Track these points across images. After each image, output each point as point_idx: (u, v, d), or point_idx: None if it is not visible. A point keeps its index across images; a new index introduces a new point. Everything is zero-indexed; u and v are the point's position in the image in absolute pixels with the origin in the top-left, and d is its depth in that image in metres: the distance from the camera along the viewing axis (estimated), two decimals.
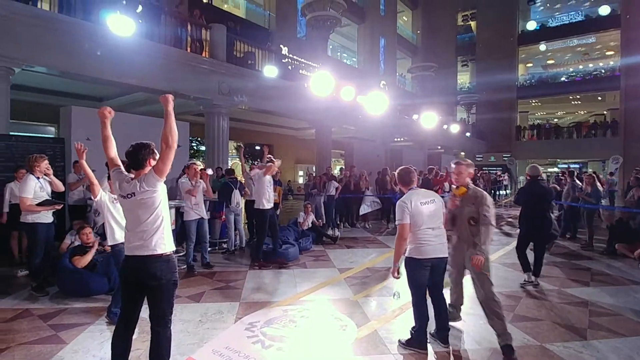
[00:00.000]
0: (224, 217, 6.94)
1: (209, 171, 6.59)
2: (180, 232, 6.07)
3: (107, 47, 7.25)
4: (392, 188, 9.71)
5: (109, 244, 3.72)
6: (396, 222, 3.14)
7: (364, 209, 9.99)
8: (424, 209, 3.11)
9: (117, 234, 3.61)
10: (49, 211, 4.53)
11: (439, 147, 21.98)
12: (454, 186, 3.53)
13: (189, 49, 9.27)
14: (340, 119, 13.72)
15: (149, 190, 2.41)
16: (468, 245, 3.34)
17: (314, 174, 11.95)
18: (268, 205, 5.90)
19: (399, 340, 3.31)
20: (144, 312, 2.51)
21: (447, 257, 3.24)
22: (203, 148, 11.99)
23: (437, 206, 3.19)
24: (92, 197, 3.70)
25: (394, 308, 4.20)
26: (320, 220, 8.73)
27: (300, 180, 19.08)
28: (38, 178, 4.47)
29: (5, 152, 6.10)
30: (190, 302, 4.29)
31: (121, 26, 7.06)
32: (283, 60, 12.79)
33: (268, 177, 5.97)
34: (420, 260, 3.11)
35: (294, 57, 13.79)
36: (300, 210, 8.39)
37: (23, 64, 6.62)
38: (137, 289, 2.50)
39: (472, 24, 29.99)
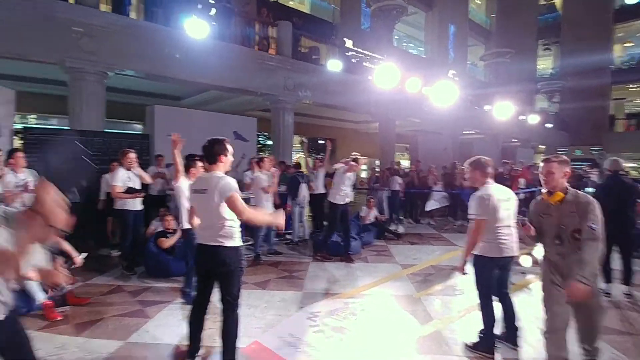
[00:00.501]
0: (289, 209, 7.19)
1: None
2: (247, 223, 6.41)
3: (184, 49, 7.84)
4: (461, 184, 9.30)
5: (183, 227, 4.07)
6: (472, 216, 2.98)
7: (431, 205, 9.68)
8: (501, 205, 2.95)
9: None
10: (137, 199, 5.07)
11: (515, 140, 20.46)
12: (543, 190, 2.72)
13: (257, 47, 9.67)
14: (405, 112, 13.39)
15: (219, 197, 2.61)
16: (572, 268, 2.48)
17: (377, 168, 11.85)
18: (341, 200, 5.92)
19: (465, 343, 3.21)
20: (216, 296, 2.74)
21: (516, 256, 3.07)
22: (269, 142, 12.46)
23: (512, 204, 3.03)
24: (174, 182, 4.06)
25: (459, 308, 4.07)
26: (383, 215, 8.66)
27: (363, 175, 19.02)
28: (127, 170, 5.04)
29: (101, 147, 6.89)
30: (256, 289, 4.55)
31: (196, 29, 7.61)
32: (347, 54, 12.78)
33: (349, 175, 5.97)
34: (492, 259, 2.97)
35: (358, 49, 13.70)
36: (363, 204, 8.40)
37: (116, 68, 7.41)
38: (209, 275, 2.74)
39: (557, 2, 27.21)
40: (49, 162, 5.58)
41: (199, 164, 3.95)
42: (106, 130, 7.41)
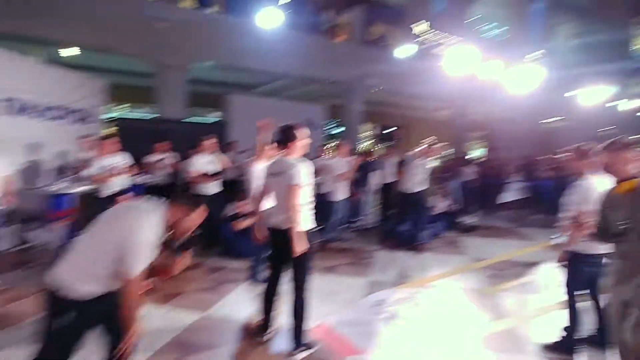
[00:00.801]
0: (358, 196, 7.20)
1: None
2: (319, 208, 6.55)
3: (258, 39, 8.14)
4: (544, 174, 8.58)
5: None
6: (571, 208, 2.72)
7: (507, 197, 9.05)
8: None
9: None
10: (211, 184, 5.42)
11: (605, 129, 18.22)
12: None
13: (330, 36, 9.71)
14: (481, 98, 12.59)
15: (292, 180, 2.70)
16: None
17: (448, 158, 11.33)
18: (413, 188, 5.76)
19: (544, 343, 3.00)
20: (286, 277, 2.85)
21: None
22: (339, 130, 12.52)
23: None
24: (249, 166, 4.24)
25: (536, 307, 3.80)
26: (455, 206, 8.28)
27: (435, 164, 18.29)
28: (205, 155, 5.40)
29: (183, 134, 7.46)
30: (324, 274, 4.64)
31: (270, 19, 7.83)
32: (418, 39, 12.29)
33: (423, 161, 5.80)
34: (590, 256, 2.69)
35: (430, 34, 13.10)
36: (434, 194, 8.10)
37: (196, 61, 7.94)
38: (279, 257, 2.86)
39: None
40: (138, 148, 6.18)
41: (270, 148, 4.06)
42: (187, 119, 8.01)
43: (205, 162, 5.38)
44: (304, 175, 2.72)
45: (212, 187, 5.44)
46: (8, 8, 6.18)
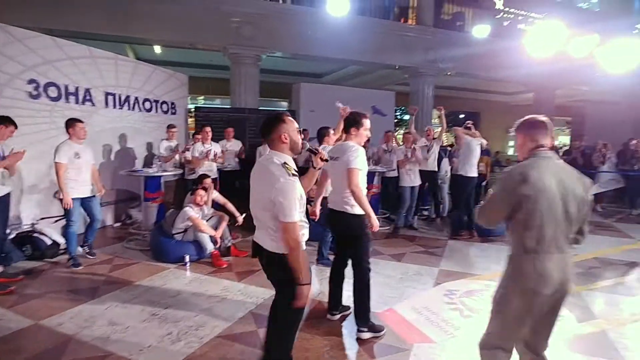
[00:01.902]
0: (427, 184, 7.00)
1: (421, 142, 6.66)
2: (389, 195, 6.55)
3: (326, 27, 8.17)
4: None
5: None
6: None
7: (596, 189, 8.15)
8: None
9: None
10: None
11: None
12: None
13: (400, 19, 9.42)
14: (569, 79, 11.38)
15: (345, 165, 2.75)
16: None
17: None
18: (472, 173, 5.57)
19: None
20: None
21: None
22: (407, 117, 12.19)
23: None
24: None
25: (634, 311, 3.42)
26: None
27: (511, 152, 17.08)
28: None
29: (256, 122, 7.81)
30: (392, 261, 4.62)
31: (337, 7, 7.81)
32: (497, 17, 11.41)
33: (474, 142, 5.56)
34: None
35: (512, 9, 12.08)
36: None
37: (268, 51, 8.21)
38: (340, 239, 2.93)
39: None
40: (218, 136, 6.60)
41: (332, 133, 4.10)
42: (260, 108, 8.34)
43: None
44: (360, 160, 2.74)
45: None
46: (103, 13, 6.95)
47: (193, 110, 8.61)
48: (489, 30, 9.49)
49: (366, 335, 2.83)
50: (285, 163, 1.89)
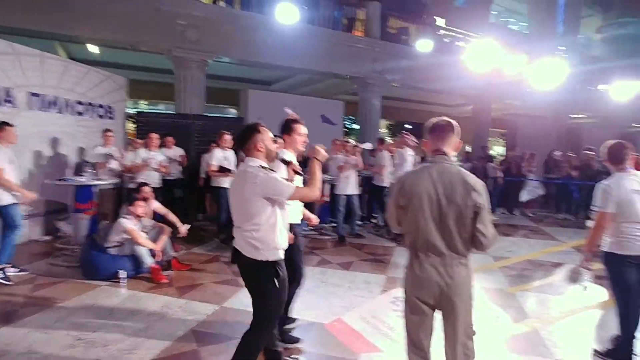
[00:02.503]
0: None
1: (367, 145, 6.76)
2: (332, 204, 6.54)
3: (275, 35, 8.12)
4: (569, 173, 8.33)
5: None
6: (595, 208, 2.64)
7: (529, 195, 8.80)
8: (636, 197, 2.52)
9: None
10: (230, 178, 5.46)
11: (636, 125, 17.53)
12: None
13: (348, 30, 9.62)
14: (503, 94, 12.27)
15: None
16: None
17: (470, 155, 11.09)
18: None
19: (595, 350, 2.85)
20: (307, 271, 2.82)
21: None
22: (355, 127, 12.44)
23: None
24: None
25: (562, 309, 3.68)
26: None
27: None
28: (223, 150, 5.43)
29: (201, 129, 7.52)
30: (340, 269, 4.61)
31: (287, 14, 7.80)
32: (438, 33, 12.05)
33: (406, 152, 5.94)
34: (622, 256, 2.56)
35: (451, 28, 12.83)
36: None
37: (215, 56, 7.98)
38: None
39: None
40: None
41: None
42: (206, 114, 8.06)
43: (223, 156, 5.42)
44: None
45: (227, 181, 5.48)
46: (32, 6, 6.34)
47: (134, 115, 8.13)
48: (432, 46, 9.97)
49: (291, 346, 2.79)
50: (261, 165, 2.04)
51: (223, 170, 5.39)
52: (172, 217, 4.62)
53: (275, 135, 2.39)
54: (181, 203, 6.41)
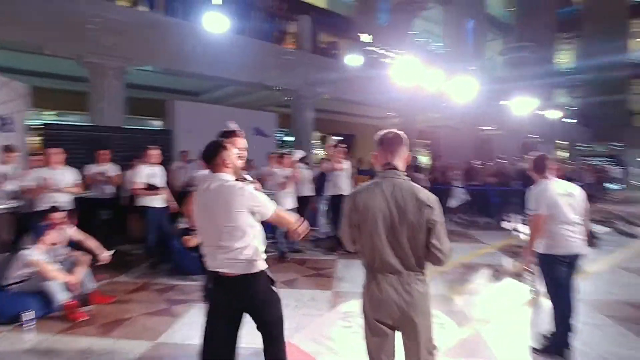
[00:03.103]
0: (315, 206, 7.04)
1: (299, 153, 6.62)
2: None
3: (204, 44, 7.75)
4: (487, 180, 9.06)
5: None
6: (529, 212, 2.88)
7: (452, 202, 9.40)
8: (561, 200, 2.80)
9: None
10: (158, 196, 4.98)
11: (535, 136, 19.96)
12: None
13: (279, 42, 9.55)
14: (425, 107, 13.13)
15: None
16: None
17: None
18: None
19: (532, 347, 3.02)
20: None
21: (583, 254, 2.87)
22: (288, 139, 12.33)
23: (575, 199, 2.85)
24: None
25: (498, 309, 3.87)
26: None
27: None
28: (150, 166, 4.95)
29: (121, 143, 6.83)
30: (284, 288, 4.39)
31: (216, 24, 7.50)
32: (366, 49, 12.56)
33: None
34: (558, 256, 2.81)
35: (377, 45, 13.46)
36: None
37: (135, 64, 7.35)
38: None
39: None
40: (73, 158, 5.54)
41: None
42: (126, 126, 7.36)
43: (150, 173, 4.93)
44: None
45: (157, 200, 5.00)
46: None
47: (40, 127, 7.10)
48: (361, 60, 10.32)
49: None
50: (236, 179, 2.09)
51: (151, 188, 4.90)
52: (91, 243, 4.04)
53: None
54: (106, 225, 5.74)
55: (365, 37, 13.55)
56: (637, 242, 7.10)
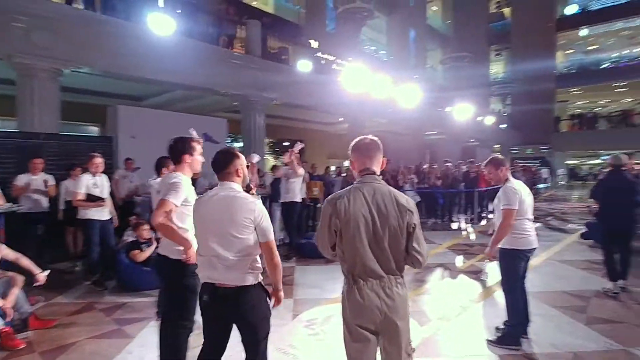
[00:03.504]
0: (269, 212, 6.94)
1: (255, 157, 6.45)
2: None
3: (148, 46, 7.36)
4: (434, 183, 9.49)
5: (158, 236, 3.73)
6: (504, 207, 2.98)
7: None
8: (526, 199, 3.03)
9: None
10: (103, 208, 4.62)
11: (473, 140, 21.32)
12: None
13: (228, 47, 9.32)
14: (373, 113, 13.49)
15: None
16: None
17: (342, 169, 11.78)
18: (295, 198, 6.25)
19: (488, 340, 3.17)
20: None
21: (536, 248, 3.12)
22: (239, 145, 12.06)
23: (532, 198, 3.13)
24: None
25: (455, 306, 4.04)
26: None
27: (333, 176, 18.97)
28: (93, 175, 4.58)
29: (57, 150, 6.26)
30: None
31: (161, 25, 7.16)
32: (315, 55, 12.68)
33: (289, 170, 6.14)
34: (521, 251, 3.03)
35: (325, 51, 13.65)
36: None
37: (71, 65, 6.79)
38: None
39: (506, 10, 28.77)
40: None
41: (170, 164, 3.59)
42: (61, 133, 6.77)
43: (93, 182, 4.56)
44: (162, 194, 2.33)
45: (101, 213, 4.63)
46: None
47: None
48: (310, 66, 10.37)
49: None
50: (246, 190, 2.06)
51: (93, 200, 4.53)
52: (26, 263, 3.62)
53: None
54: (45, 241, 5.22)
55: (314, 44, 13.70)
56: (567, 237, 7.80)
